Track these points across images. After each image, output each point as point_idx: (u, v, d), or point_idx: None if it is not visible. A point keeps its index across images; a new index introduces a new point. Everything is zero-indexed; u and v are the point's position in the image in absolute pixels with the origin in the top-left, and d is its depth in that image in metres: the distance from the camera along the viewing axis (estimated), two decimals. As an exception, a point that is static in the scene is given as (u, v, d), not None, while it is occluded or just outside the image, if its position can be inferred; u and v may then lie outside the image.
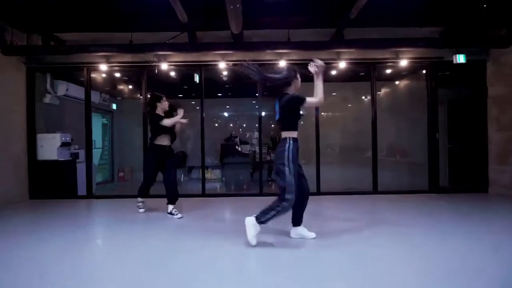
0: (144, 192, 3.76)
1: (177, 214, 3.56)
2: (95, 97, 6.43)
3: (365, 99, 6.57)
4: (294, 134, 2.48)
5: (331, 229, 2.94)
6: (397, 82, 6.49)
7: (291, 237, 2.67)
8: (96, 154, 8.10)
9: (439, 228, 2.97)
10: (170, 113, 3.71)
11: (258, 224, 2.41)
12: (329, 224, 3.16)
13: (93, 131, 7.45)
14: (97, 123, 7.77)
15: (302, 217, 2.67)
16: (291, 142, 2.44)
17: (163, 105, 3.64)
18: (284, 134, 2.49)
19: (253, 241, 2.42)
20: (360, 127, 5.96)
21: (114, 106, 7.66)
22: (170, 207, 3.62)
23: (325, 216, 3.60)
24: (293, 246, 2.50)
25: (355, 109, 6.70)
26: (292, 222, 2.70)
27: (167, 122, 3.49)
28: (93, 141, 7.23)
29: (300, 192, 2.46)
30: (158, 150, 3.54)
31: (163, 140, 3.57)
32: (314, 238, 2.62)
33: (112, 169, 7.71)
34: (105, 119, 7.81)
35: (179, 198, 3.71)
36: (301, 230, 2.67)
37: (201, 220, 3.45)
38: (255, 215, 2.44)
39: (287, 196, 2.36)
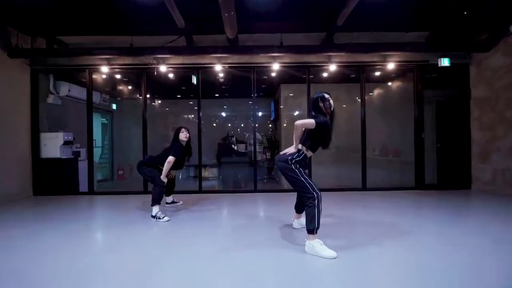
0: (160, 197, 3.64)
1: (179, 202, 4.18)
2: (96, 97, 6.62)
3: (358, 99, 6.82)
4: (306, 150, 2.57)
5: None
6: (387, 84, 6.73)
7: (294, 228, 2.96)
8: (96, 153, 8.35)
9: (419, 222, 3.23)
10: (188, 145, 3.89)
11: (314, 236, 2.30)
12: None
13: (94, 130, 7.76)
14: (97, 122, 7.99)
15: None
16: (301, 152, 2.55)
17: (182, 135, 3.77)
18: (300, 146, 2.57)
19: (331, 254, 2.20)
20: (353, 126, 6.21)
21: (114, 106, 7.88)
22: (170, 198, 4.14)
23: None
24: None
25: (349, 109, 6.93)
26: (296, 209, 2.96)
27: (170, 159, 3.54)
28: (94, 140, 7.55)
29: None
30: None
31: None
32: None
33: (112, 168, 7.93)
34: (104, 119, 8.03)
35: (175, 194, 4.08)
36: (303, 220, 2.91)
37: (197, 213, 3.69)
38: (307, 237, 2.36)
39: (311, 192, 2.38)
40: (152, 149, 5.19)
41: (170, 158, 3.52)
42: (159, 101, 8.59)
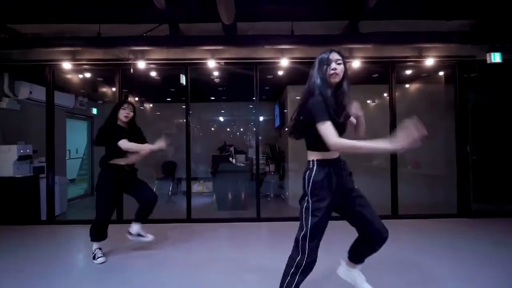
0: (100, 232, 2.72)
1: (147, 236, 2.90)
2: (69, 101, 5.63)
3: (373, 103, 5.81)
4: (318, 155, 1.64)
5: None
6: (412, 85, 5.71)
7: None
8: (75, 164, 7.30)
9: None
10: (132, 126, 2.77)
11: None
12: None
13: (73, 138, 6.73)
14: (80, 129, 6.99)
15: (365, 256, 1.82)
16: (315, 166, 1.62)
17: (123, 112, 2.68)
18: (308, 155, 1.69)
19: None
20: (371, 134, 5.20)
21: (94, 111, 6.85)
22: (137, 227, 2.85)
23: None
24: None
25: (366, 114, 5.89)
26: (348, 254, 1.86)
27: (125, 144, 2.56)
28: (69, 151, 6.51)
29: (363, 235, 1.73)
30: (115, 171, 2.67)
31: (120, 160, 2.68)
32: None
33: (92, 181, 6.88)
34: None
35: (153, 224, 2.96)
36: (355, 274, 1.85)
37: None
38: None
39: (297, 250, 1.58)
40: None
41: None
42: (151, 105, 7.56)
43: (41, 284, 2.29)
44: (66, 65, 4.02)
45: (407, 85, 5.66)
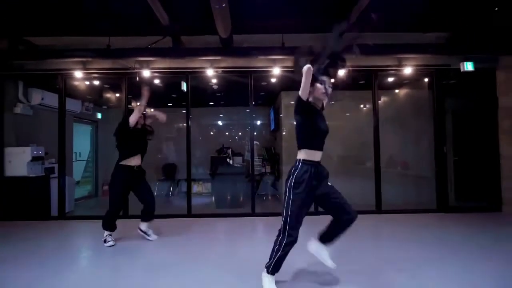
0: (112, 223, 3.17)
1: (151, 236, 3.33)
2: (76, 106, 5.98)
3: (364, 108, 6.19)
4: (303, 154, 2.04)
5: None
6: (399, 91, 6.11)
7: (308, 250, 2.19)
8: (80, 166, 7.63)
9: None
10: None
11: (269, 275, 2.05)
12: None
13: (79, 141, 7.06)
14: (84, 133, 7.33)
15: (333, 239, 2.15)
16: (299, 165, 2.02)
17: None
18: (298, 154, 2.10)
19: None
20: (359, 137, 5.56)
21: (99, 115, 7.21)
22: (145, 225, 3.32)
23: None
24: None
25: (354, 119, 6.29)
26: (319, 236, 2.17)
27: (132, 117, 3.20)
28: (75, 153, 6.84)
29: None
30: (126, 172, 3.14)
31: (131, 160, 3.18)
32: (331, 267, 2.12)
33: (96, 183, 7.20)
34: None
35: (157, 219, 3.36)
36: (322, 250, 2.16)
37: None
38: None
39: (283, 230, 1.99)
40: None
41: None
42: (153, 109, 7.92)
43: (56, 265, 2.63)
44: (78, 74, 4.40)
45: (396, 91, 6.06)
